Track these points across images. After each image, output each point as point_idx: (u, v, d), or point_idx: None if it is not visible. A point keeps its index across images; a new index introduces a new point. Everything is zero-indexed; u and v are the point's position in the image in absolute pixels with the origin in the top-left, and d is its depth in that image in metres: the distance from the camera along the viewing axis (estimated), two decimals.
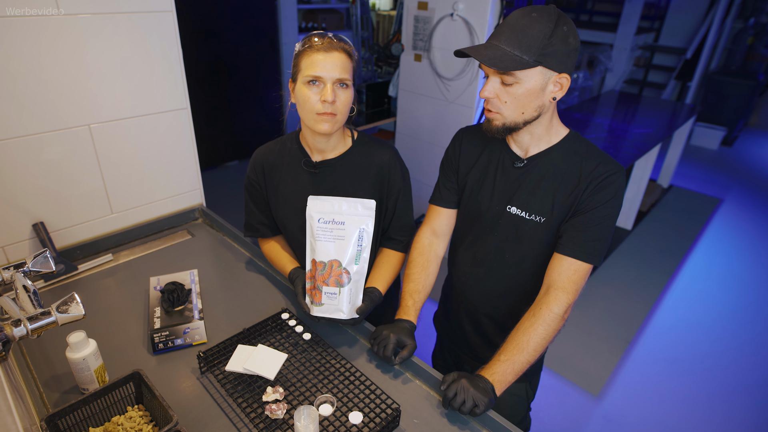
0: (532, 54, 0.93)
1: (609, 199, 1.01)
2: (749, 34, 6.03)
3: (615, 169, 1.02)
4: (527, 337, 1.00)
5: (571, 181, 1.04)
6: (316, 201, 1.11)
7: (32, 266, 0.91)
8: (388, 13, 5.66)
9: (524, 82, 0.95)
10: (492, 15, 2.52)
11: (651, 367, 2.49)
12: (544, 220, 1.06)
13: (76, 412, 0.85)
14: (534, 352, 1.00)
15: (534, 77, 0.95)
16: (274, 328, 1.15)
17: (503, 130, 1.03)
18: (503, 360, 0.99)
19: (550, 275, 1.05)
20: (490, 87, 0.99)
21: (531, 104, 0.98)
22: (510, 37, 0.94)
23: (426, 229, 1.26)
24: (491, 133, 1.04)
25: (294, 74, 1.12)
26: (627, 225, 3.82)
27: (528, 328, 1.01)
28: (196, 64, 3.94)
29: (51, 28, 1.22)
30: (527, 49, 0.93)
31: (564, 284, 1.03)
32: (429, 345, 1.65)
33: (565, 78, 0.97)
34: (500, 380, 0.97)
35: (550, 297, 1.03)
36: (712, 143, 5.84)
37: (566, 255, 1.03)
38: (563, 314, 1.02)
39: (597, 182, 1.01)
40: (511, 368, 0.99)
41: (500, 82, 0.98)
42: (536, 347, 1.00)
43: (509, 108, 0.99)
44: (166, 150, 1.58)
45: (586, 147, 1.06)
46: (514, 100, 0.98)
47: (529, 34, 0.93)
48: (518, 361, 0.99)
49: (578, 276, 1.03)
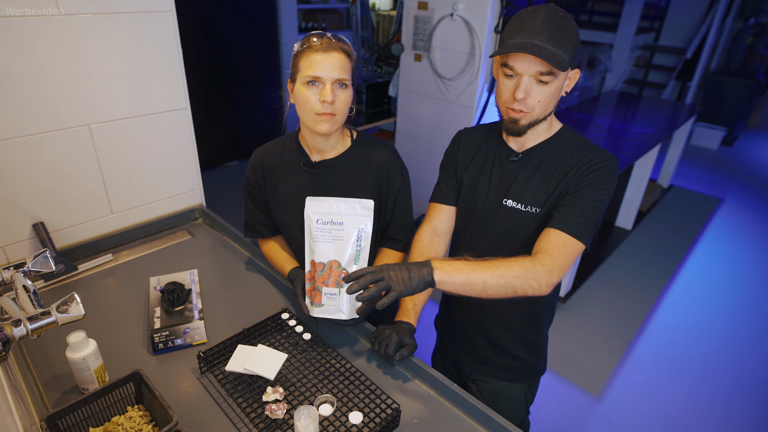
0: (569, 53, 0.95)
1: (599, 182, 1.01)
2: (749, 34, 6.03)
3: (606, 157, 1.04)
4: (499, 263, 0.93)
5: (563, 171, 1.06)
6: (314, 202, 1.11)
7: (32, 266, 0.91)
8: (388, 13, 5.66)
9: (556, 80, 0.98)
10: (492, 15, 2.52)
11: (651, 367, 2.49)
12: (540, 211, 1.08)
13: (76, 412, 0.85)
14: (496, 279, 0.92)
15: (561, 76, 0.98)
16: (274, 328, 1.15)
17: (526, 129, 1.04)
18: (465, 260, 0.93)
19: (538, 244, 1.01)
20: (527, 87, 0.98)
21: (554, 101, 1.02)
22: (553, 37, 0.94)
23: (427, 227, 1.26)
24: (514, 133, 1.05)
25: (293, 74, 1.12)
26: (627, 225, 3.82)
27: (507, 260, 0.95)
28: (196, 64, 3.94)
29: (51, 28, 1.22)
30: (567, 48, 0.95)
31: (551, 251, 0.97)
32: (429, 345, 1.65)
33: (577, 72, 1.02)
34: (447, 271, 0.91)
35: (537, 257, 0.96)
36: (712, 143, 5.83)
37: (554, 227, 1.00)
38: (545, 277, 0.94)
39: (587, 166, 1.03)
40: (465, 270, 0.91)
41: (536, 81, 0.98)
42: (500, 278, 0.92)
43: (540, 106, 1.00)
44: (166, 150, 1.58)
45: (578, 139, 1.09)
46: (546, 98, 0.99)
47: (567, 35, 0.95)
48: (476, 271, 0.91)
49: (566, 249, 0.98)
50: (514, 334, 1.23)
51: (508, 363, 1.28)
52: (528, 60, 0.95)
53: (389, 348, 1.04)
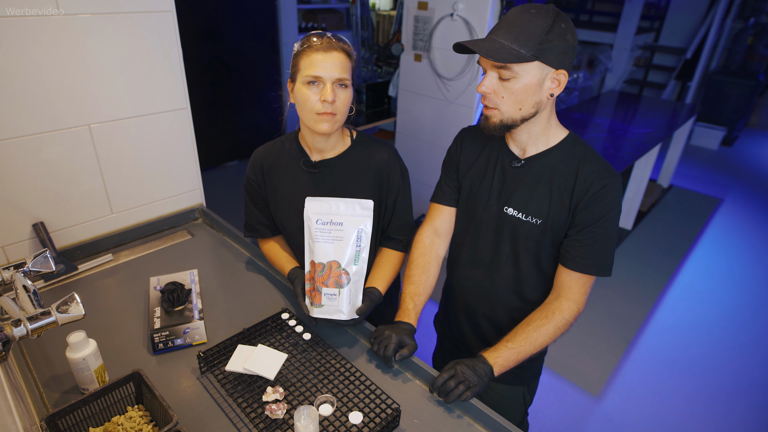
0: (529, 48, 0.93)
1: (609, 210, 1.02)
2: (749, 34, 6.03)
3: (610, 179, 1.02)
4: (537, 333, 1.05)
5: (567, 184, 1.04)
6: (314, 202, 1.11)
7: (32, 266, 0.91)
8: (388, 13, 5.66)
9: (521, 77, 0.96)
10: (492, 15, 2.52)
11: (651, 367, 2.49)
12: (540, 222, 1.07)
13: (76, 412, 0.85)
14: (538, 348, 1.05)
15: (531, 72, 0.96)
16: (274, 328, 1.15)
17: (501, 127, 1.02)
18: (510, 348, 1.04)
19: (560, 288, 1.09)
20: (488, 82, 0.99)
21: (528, 100, 0.98)
22: (508, 32, 0.94)
23: (427, 228, 1.25)
24: (489, 131, 1.04)
25: (293, 74, 1.12)
26: (627, 225, 3.82)
27: (539, 326, 1.06)
28: (196, 64, 3.94)
29: (51, 28, 1.22)
30: (524, 43, 0.93)
31: (575, 296, 1.07)
32: (429, 345, 1.65)
33: (563, 74, 0.98)
34: (502, 365, 1.02)
35: (563, 306, 1.07)
36: (712, 143, 5.83)
37: (576, 270, 1.06)
38: (572, 321, 1.08)
39: (593, 193, 1.01)
40: (515, 357, 1.03)
41: (498, 78, 0.98)
42: (541, 345, 1.05)
43: (506, 104, 0.99)
44: (166, 150, 1.58)
45: (583, 150, 1.06)
46: (512, 95, 0.98)
47: (527, 29, 0.93)
48: (523, 352, 1.04)
49: (587, 287, 1.08)
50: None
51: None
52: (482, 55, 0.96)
53: (388, 349, 1.04)
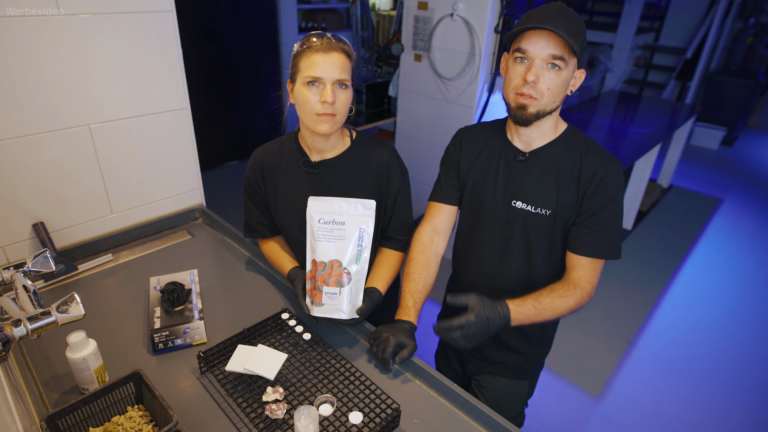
0: (578, 44, 0.96)
1: (613, 196, 1.05)
2: (749, 34, 6.03)
3: (612, 166, 1.05)
4: (561, 301, 1.07)
5: (572, 174, 1.07)
6: (316, 201, 1.11)
7: (32, 266, 0.91)
8: (388, 13, 5.66)
9: (565, 70, 0.99)
10: (492, 15, 2.52)
11: (651, 367, 2.49)
12: (550, 212, 1.09)
13: (76, 412, 0.85)
14: (554, 316, 1.08)
15: (571, 67, 0.99)
16: (274, 328, 1.15)
17: (534, 117, 1.03)
18: (535, 307, 1.06)
19: (573, 274, 1.10)
20: (538, 71, 0.99)
21: (561, 94, 1.02)
22: (565, 24, 0.95)
23: (427, 226, 1.25)
24: (522, 121, 1.05)
25: (293, 75, 1.11)
26: (627, 225, 3.82)
27: (564, 295, 1.08)
28: (196, 64, 3.94)
29: (51, 28, 1.22)
30: (576, 38, 0.96)
31: (589, 280, 1.10)
32: (429, 345, 1.65)
33: (582, 73, 1.03)
34: (520, 321, 1.05)
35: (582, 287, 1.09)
36: (712, 143, 5.83)
37: (588, 256, 1.08)
38: (584, 304, 1.11)
39: (598, 181, 1.04)
40: (533, 318, 1.06)
41: (547, 68, 0.99)
42: (558, 314, 1.08)
43: (549, 95, 1.00)
44: (166, 150, 1.58)
45: (584, 141, 1.09)
46: (555, 87, 1.00)
47: (577, 25, 0.96)
48: (541, 316, 1.06)
49: (598, 271, 1.12)
50: (519, 333, 1.23)
51: (514, 360, 1.28)
52: (542, 42, 0.96)
53: (386, 352, 1.04)
